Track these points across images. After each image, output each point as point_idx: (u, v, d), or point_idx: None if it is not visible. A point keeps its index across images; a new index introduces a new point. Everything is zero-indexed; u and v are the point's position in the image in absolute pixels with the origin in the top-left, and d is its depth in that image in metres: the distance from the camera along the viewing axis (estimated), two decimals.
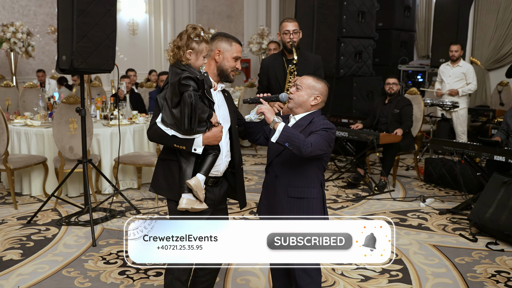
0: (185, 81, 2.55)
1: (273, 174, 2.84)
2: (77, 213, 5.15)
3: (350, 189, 6.26)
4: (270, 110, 2.68)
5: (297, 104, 2.81)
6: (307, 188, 2.77)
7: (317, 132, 2.66)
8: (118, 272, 3.89)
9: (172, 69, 2.65)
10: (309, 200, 2.76)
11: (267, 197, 2.90)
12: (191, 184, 2.64)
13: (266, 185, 2.91)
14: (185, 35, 2.65)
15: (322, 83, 2.82)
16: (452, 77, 7.55)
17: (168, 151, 2.77)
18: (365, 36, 8.28)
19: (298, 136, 2.58)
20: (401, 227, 4.91)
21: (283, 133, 2.57)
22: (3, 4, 10.82)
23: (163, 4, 12.26)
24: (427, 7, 10.60)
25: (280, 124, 2.60)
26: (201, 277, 2.95)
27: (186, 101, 2.53)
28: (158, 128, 2.68)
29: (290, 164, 2.77)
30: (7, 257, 4.17)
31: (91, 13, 4.40)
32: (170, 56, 2.69)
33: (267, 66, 4.60)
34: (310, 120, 2.78)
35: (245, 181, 6.67)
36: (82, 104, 4.86)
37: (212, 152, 2.71)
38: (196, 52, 2.65)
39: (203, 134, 2.64)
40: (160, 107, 2.69)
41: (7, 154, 5.42)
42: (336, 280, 3.75)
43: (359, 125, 6.48)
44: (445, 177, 6.27)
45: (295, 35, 4.42)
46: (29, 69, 11.19)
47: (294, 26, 4.44)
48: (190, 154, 2.67)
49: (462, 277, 3.82)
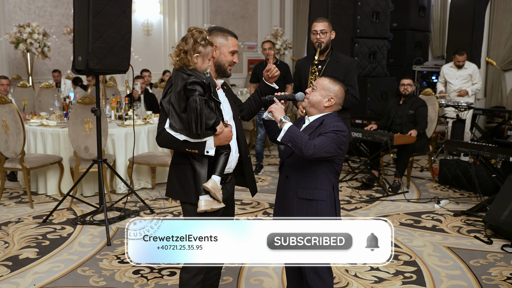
0: (191, 86, 2.53)
1: (284, 174, 2.87)
2: (92, 213, 5.20)
3: (364, 190, 6.24)
4: (279, 110, 2.71)
5: (311, 104, 2.82)
6: (317, 190, 2.76)
7: (326, 134, 2.66)
8: (133, 271, 3.91)
9: (178, 74, 2.61)
10: (318, 202, 2.75)
11: (279, 198, 2.93)
12: (209, 187, 2.64)
13: (279, 186, 2.93)
14: (192, 39, 2.61)
15: (338, 86, 2.82)
16: (459, 80, 7.67)
17: (180, 155, 2.76)
18: (379, 37, 8.25)
19: (302, 137, 2.59)
20: (415, 229, 4.89)
21: (287, 133, 2.61)
22: (19, 5, 10.94)
23: (177, 5, 12.30)
24: (443, 7, 10.50)
25: (287, 124, 2.63)
26: (207, 274, 2.93)
27: (191, 106, 2.52)
28: (168, 134, 2.65)
29: (300, 165, 2.78)
30: (23, 255, 4.22)
31: (107, 14, 4.44)
32: (175, 61, 2.64)
33: (300, 66, 4.62)
34: (321, 121, 2.79)
35: (259, 182, 6.68)
36: (98, 104, 4.91)
37: (223, 152, 2.71)
38: (203, 55, 2.62)
39: (214, 136, 2.64)
40: (167, 112, 2.66)
41: (23, 154, 5.48)
42: (350, 282, 3.74)
43: (373, 126, 6.46)
44: (460, 178, 6.23)
45: (322, 35, 4.37)
46: (45, 69, 11.29)
47: (323, 26, 4.39)
48: (203, 156, 2.67)
49: (477, 280, 3.79)
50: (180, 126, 2.61)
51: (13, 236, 4.66)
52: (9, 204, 5.67)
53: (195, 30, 2.63)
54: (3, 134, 5.47)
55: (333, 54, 4.48)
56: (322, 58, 4.45)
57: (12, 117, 5.40)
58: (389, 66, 8.99)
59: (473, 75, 7.61)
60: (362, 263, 3.80)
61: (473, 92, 7.67)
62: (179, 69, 2.62)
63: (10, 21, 10.66)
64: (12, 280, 3.76)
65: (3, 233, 4.73)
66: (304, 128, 2.82)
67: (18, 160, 5.52)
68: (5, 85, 6.79)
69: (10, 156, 5.54)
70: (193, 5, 12.44)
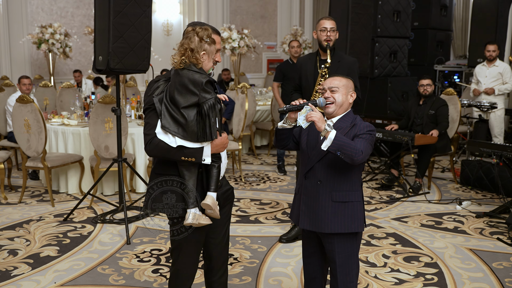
0: (207, 87, 2.44)
1: (315, 179, 2.76)
2: (112, 211, 5.23)
3: (384, 191, 6.19)
4: (321, 119, 2.58)
5: (339, 106, 2.76)
6: (352, 191, 2.73)
7: (362, 136, 2.63)
8: (152, 270, 3.93)
9: (184, 73, 2.46)
10: (354, 203, 2.73)
11: (307, 204, 2.79)
12: (209, 203, 2.52)
13: (306, 191, 2.80)
14: (197, 36, 2.49)
15: (349, 79, 2.81)
16: (488, 77, 7.43)
17: (165, 165, 2.57)
18: (400, 36, 8.16)
19: (349, 144, 2.54)
20: (437, 230, 4.82)
21: (335, 142, 2.52)
22: (42, 6, 11.09)
23: (197, 5, 12.35)
24: (465, 6, 10.39)
25: (332, 132, 2.54)
26: (214, 277, 2.89)
27: (210, 107, 2.42)
28: (160, 142, 2.46)
29: (335, 169, 2.72)
30: (44, 253, 4.26)
31: (127, 14, 4.47)
32: (179, 60, 2.48)
33: (301, 64, 4.50)
34: (351, 121, 2.74)
35: (278, 182, 6.67)
36: (118, 104, 4.94)
37: (214, 164, 2.57)
38: (208, 53, 2.52)
39: (212, 142, 2.52)
40: (158, 112, 2.47)
41: (45, 153, 5.55)
42: (370, 283, 3.70)
43: (394, 126, 6.40)
44: (483, 179, 6.13)
45: (332, 33, 4.25)
46: (67, 69, 11.43)
47: (332, 24, 4.27)
48: (192, 164, 2.52)
49: (500, 283, 3.72)
50: (175, 127, 2.45)
51: (34, 234, 4.71)
52: (30, 202, 5.74)
53: (198, 28, 2.52)
54: (25, 133, 5.54)
55: (336, 53, 4.34)
56: (324, 58, 4.34)
57: (34, 117, 5.46)
58: (410, 66, 8.89)
59: (504, 74, 7.37)
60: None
61: (501, 91, 7.39)
62: (185, 68, 2.48)
63: (32, 22, 10.82)
64: (33, 277, 3.80)
65: (25, 231, 4.79)
66: None
67: (39, 159, 5.58)
68: (27, 84, 6.87)
69: (32, 155, 5.60)
70: (212, 5, 12.49)
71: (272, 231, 4.79)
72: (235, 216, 5.21)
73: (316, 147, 2.73)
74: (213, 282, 2.89)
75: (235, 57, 9.13)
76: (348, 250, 2.77)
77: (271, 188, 6.38)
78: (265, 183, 6.61)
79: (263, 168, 7.54)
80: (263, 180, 6.79)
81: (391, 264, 4.04)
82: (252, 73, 13.34)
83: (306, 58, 4.52)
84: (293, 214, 2.93)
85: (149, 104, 2.52)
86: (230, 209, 2.89)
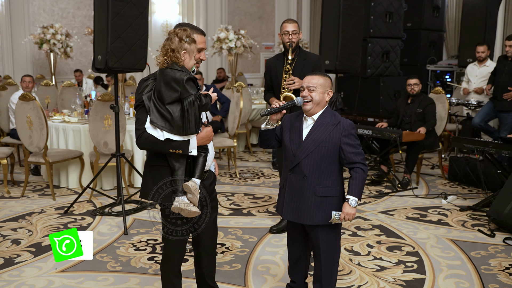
0: (188, 83, 2.58)
1: (300, 174, 2.96)
2: (111, 205, 5.44)
3: (374, 186, 6.39)
4: (353, 215, 2.92)
5: (316, 104, 2.97)
6: (334, 187, 2.96)
7: (350, 138, 2.90)
8: (147, 258, 4.14)
9: (167, 72, 2.63)
10: (335, 198, 2.96)
11: (292, 197, 3.01)
12: (190, 185, 2.66)
13: (291, 186, 3.01)
14: (176, 37, 2.64)
15: (327, 77, 3.02)
16: (478, 77, 7.62)
17: (156, 157, 2.75)
18: (392, 36, 8.39)
19: (360, 182, 2.90)
20: (421, 222, 5.03)
21: (359, 196, 2.91)
22: (43, 7, 11.30)
23: (196, 6, 12.55)
24: (457, 7, 10.57)
25: (351, 199, 2.90)
26: (202, 262, 3.09)
27: (191, 102, 2.58)
28: (150, 136, 2.64)
29: (320, 165, 2.93)
30: (46, 242, 4.47)
31: (125, 16, 4.66)
32: (162, 60, 2.65)
33: (270, 65, 4.88)
34: (330, 117, 2.96)
35: (272, 178, 6.88)
36: (116, 101, 5.15)
37: (201, 153, 2.74)
38: (189, 52, 2.66)
39: (197, 135, 2.69)
40: (147, 109, 2.65)
41: (46, 149, 5.76)
42: (353, 269, 3.91)
43: (384, 123, 6.60)
44: (469, 175, 6.34)
45: (294, 36, 4.64)
46: (68, 69, 11.64)
47: (294, 27, 4.66)
48: (180, 156, 2.68)
49: (476, 269, 3.93)
50: (162, 122, 2.62)
51: (36, 225, 4.93)
52: (32, 196, 5.96)
53: (178, 29, 2.67)
54: (27, 130, 5.75)
55: (301, 52, 4.76)
56: (291, 57, 4.69)
57: (36, 114, 5.67)
58: (403, 66, 9.11)
59: None
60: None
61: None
62: (168, 67, 2.64)
63: (34, 23, 11.03)
64: (36, 264, 4.01)
65: (27, 223, 5.01)
66: (314, 128, 2.95)
67: (41, 155, 5.80)
68: (27, 82, 7.09)
69: (34, 151, 5.81)
70: (211, 6, 12.69)
71: (263, 223, 5.00)
72: (228, 209, 5.43)
73: (302, 144, 2.95)
74: (202, 267, 3.11)
75: (232, 57, 9.32)
76: (331, 236, 3.02)
77: (264, 184, 6.59)
78: (259, 179, 6.82)
79: (258, 164, 7.76)
80: (258, 176, 7.00)
81: (374, 253, 4.25)
82: (250, 73, 13.56)
83: (274, 59, 4.91)
84: (278, 207, 3.16)
85: (139, 102, 2.72)
86: (215, 193, 3.02)
